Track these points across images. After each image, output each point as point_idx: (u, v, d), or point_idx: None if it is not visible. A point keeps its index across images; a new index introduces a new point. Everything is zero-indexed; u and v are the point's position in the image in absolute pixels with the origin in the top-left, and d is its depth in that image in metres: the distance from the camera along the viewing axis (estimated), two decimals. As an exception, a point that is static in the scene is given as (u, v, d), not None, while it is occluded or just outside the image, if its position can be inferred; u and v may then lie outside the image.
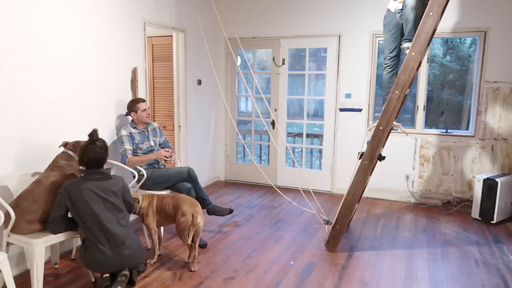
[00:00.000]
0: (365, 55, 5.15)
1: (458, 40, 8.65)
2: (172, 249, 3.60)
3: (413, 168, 5.09)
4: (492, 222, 4.35)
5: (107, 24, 3.81)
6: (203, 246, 3.62)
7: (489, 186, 4.36)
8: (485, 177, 4.42)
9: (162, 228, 3.61)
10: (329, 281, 3.09)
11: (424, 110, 5.05)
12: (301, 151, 5.89)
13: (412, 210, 4.83)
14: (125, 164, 3.59)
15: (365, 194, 5.10)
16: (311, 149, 6.17)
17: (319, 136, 5.90)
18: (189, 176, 3.76)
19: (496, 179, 4.34)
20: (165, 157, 3.76)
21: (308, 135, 6.00)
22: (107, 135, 3.79)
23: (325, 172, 5.56)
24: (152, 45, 5.18)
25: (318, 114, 6.23)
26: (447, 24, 4.73)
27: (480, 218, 4.46)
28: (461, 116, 8.04)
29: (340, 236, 3.58)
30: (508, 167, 4.71)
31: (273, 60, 5.65)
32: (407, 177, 5.11)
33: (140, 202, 3.22)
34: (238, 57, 5.80)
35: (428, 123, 5.32)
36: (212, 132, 5.92)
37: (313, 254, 3.58)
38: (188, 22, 5.03)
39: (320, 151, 5.73)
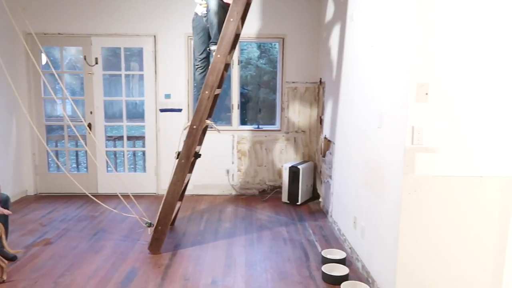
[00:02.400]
0: (181, 56, 5.26)
1: (270, 45, 9.54)
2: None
3: (232, 163, 5.46)
4: (297, 203, 5.03)
5: None
6: (12, 259, 3.28)
7: (294, 173, 5.03)
8: (290, 165, 5.08)
9: None
10: (151, 284, 3.06)
11: (238, 108, 5.47)
12: (123, 154, 5.65)
13: (233, 201, 5.19)
14: None
15: (189, 192, 5.23)
16: (133, 152, 5.98)
17: (141, 138, 5.76)
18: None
19: (298, 166, 5.03)
20: None
21: (130, 138, 5.79)
22: None
23: (150, 174, 5.47)
24: None
25: (138, 115, 6.07)
26: (252, 29, 5.23)
27: (288, 202, 5.10)
28: (275, 113, 9.06)
29: (163, 236, 3.58)
30: (308, 155, 5.52)
31: (85, 59, 5.24)
32: (228, 171, 5.46)
33: None
34: (43, 55, 5.16)
35: (250, 120, 5.79)
36: (14, 140, 5.13)
37: (136, 259, 3.48)
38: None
39: (144, 153, 5.60)
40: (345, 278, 3.06)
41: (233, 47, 3.87)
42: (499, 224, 2.57)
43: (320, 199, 5.09)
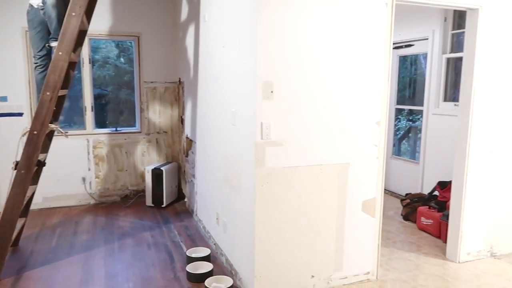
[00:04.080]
0: (19, 53, 4.62)
1: (130, 44, 9.10)
2: None
3: (89, 169, 5.05)
4: (162, 206, 4.91)
5: None
6: None
7: (157, 175, 4.89)
8: (153, 167, 4.93)
9: None
10: (-12, 318, 2.62)
11: (92, 110, 5.07)
12: None
13: (92, 211, 4.80)
14: None
15: (38, 206, 4.67)
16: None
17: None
18: None
19: (162, 168, 4.92)
20: None
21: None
22: None
23: (-15, 190, 4.67)
24: None
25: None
26: (104, 26, 4.90)
27: (153, 205, 4.95)
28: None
29: (1, 261, 3.09)
30: (172, 156, 5.44)
31: None
32: (84, 179, 5.03)
33: None
34: None
35: (111, 123, 5.39)
36: None
37: (-34, 292, 2.94)
38: None
39: (-24, 166, 4.76)
40: (209, 274, 3.11)
41: (79, 44, 3.56)
42: (338, 205, 2.94)
43: (186, 199, 5.08)
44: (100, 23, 4.86)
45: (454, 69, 4.74)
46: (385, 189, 5.61)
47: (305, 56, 2.71)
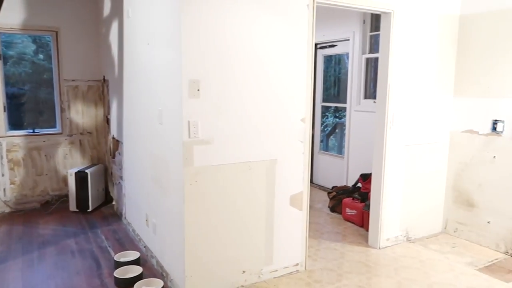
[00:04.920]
0: None
1: (48, 38, 8.54)
2: None
3: (3, 175, 4.63)
4: (88, 210, 4.66)
5: None
6: None
7: (81, 178, 4.63)
8: (77, 170, 4.66)
9: None
10: None
11: (5, 111, 4.66)
12: None
13: (7, 220, 4.42)
14: None
15: None
16: None
17: None
18: None
19: (86, 171, 4.66)
20: None
21: None
22: None
23: None
24: None
25: None
26: (16, 20, 4.54)
27: (78, 210, 4.68)
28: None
29: None
30: (97, 158, 5.18)
31: None
32: (-3, 186, 4.61)
33: None
34: None
35: (30, 124, 4.96)
36: None
37: None
38: None
39: None
40: (139, 278, 3.02)
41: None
42: (267, 200, 3.01)
43: (114, 202, 4.87)
44: (12, 16, 4.49)
45: (373, 68, 5.07)
46: (313, 183, 5.89)
47: (232, 54, 2.74)
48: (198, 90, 2.65)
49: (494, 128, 3.65)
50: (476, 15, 3.74)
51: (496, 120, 3.64)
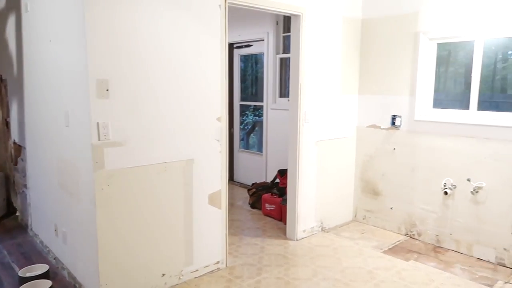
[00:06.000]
0: None
1: None
2: None
3: None
4: (-13, 224, 4.21)
5: None
6: None
7: (-23, 188, 4.16)
8: (-29, 181, 4.18)
9: None
10: None
11: None
12: None
13: None
14: None
15: None
16: None
17: None
18: None
19: (-17, 180, 4.20)
20: None
21: None
22: None
23: None
24: None
25: None
26: None
27: (-26, 225, 4.20)
28: None
29: None
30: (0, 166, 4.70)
31: None
32: None
33: None
34: None
35: None
36: None
37: None
38: None
39: None
40: (48, 292, 2.81)
41: None
42: (185, 200, 2.98)
43: (18, 213, 4.45)
44: None
45: (287, 68, 5.27)
46: (234, 181, 5.96)
47: (144, 53, 2.66)
48: (107, 90, 2.53)
49: (393, 123, 4.03)
50: (375, 19, 4.09)
51: (394, 116, 4.01)
